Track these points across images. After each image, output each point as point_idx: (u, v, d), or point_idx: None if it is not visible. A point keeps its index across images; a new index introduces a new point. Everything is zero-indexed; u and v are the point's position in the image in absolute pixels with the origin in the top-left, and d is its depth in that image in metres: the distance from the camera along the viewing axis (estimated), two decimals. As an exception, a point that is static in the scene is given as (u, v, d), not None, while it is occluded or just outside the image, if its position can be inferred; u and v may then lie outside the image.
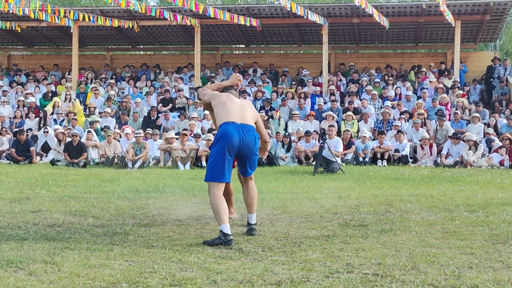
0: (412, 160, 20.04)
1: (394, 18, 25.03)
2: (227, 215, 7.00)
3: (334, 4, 25.11)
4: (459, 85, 24.66)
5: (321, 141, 17.28)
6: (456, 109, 22.61)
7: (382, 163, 19.55)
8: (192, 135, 20.32)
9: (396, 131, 20.64)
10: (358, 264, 5.82)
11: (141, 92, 26.15)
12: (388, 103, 23.13)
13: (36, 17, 24.06)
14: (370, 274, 5.47)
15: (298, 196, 11.18)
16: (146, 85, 26.98)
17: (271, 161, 19.32)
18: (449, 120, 21.88)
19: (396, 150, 20.01)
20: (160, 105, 24.57)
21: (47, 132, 21.61)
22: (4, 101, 25.18)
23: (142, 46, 32.37)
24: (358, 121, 22.34)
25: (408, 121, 22.19)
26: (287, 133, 21.11)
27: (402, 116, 22.27)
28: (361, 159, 19.70)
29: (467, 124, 21.54)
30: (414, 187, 12.93)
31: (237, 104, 7.52)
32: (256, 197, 7.78)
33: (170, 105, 24.72)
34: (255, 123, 7.62)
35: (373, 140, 20.84)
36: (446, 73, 26.03)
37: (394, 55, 30.50)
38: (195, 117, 22.49)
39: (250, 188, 7.76)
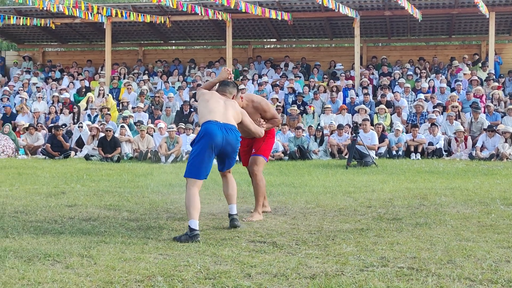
0: (446, 153, 19.88)
1: (426, 10, 24.81)
2: (198, 211, 6.97)
3: (366, -4, 24.98)
4: (494, 77, 24.39)
5: (353, 134, 17.21)
6: (491, 101, 22.38)
7: (415, 156, 19.42)
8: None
9: (430, 124, 20.49)
10: (393, 258, 5.79)
11: (174, 87, 26.24)
12: (421, 96, 22.96)
13: (70, 13, 24.28)
14: (405, 267, 5.44)
15: (331, 189, 11.15)
16: (179, 80, 27.06)
17: (304, 155, 19.29)
18: (484, 112, 21.64)
19: (430, 143, 19.85)
20: (193, 99, 24.61)
21: (82, 127, 21.78)
22: (39, 97, 25.43)
23: (174, 41, 32.45)
24: (391, 114, 22.21)
25: (442, 114, 22.00)
26: (319, 127, 21.05)
27: (435, 109, 22.08)
28: (394, 152, 19.59)
29: (502, 117, 21.30)
30: (449, 180, 12.82)
31: (220, 103, 7.54)
32: (235, 187, 7.80)
33: (203, 100, 24.74)
34: (241, 122, 7.70)
35: (406, 133, 20.71)
36: (480, 65, 25.76)
37: (427, 48, 30.22)
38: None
39: (229, 180, 7.77)
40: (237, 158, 8.12)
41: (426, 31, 29.01)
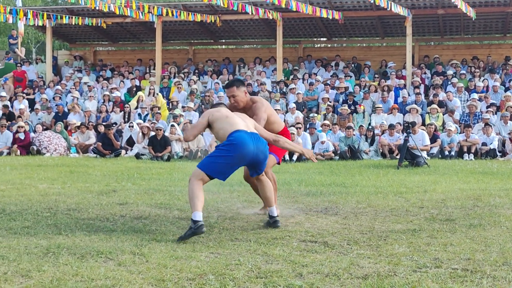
0: (500, 154, 19.57)
1: (480, 9, 24.46)
2: (202, 203, 6.81)
3: (418, -5, 24.72)
4: (550, 76, 23.98)
5: (405, 134, 17.04)
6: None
7: (468, 157, 19.15)
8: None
9: (484, 124, 20.19)
10: (447, 259, 5.69)
11: (223, 86, 26.28)
12: (475, 95, 22.63)
13: (121, 13, 24.52)
14: (460, 269, 5.34)
15: (383, 190, 11.04)
16: (228, 79, 27.10)
17: (354, 154, 19.17)
18: (540, 113, 21.24)
19: (484, 144, 19.57)
20: (242, 99, 24.64)
21: (132, 127, 21.96)
22: (90, 96, 25.71)
23: (224, 41, 32.55)
24: (443, 114, 21.95)
25: (495, 114, 21.66)
26: (370, 127, 20.89)
27: (489, 109, 21.75)
28: (446, 152, 19.35)
29: (558, 117, 20.90)
30: (503, 181, 12.60)
31: (237, 116, 7.45)
32: (272, 189, 7.62)
33: (253, 99, 24.76)
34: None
35: (459, 133, 20.44)
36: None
37: (480, 47, 29.85)
38: (278, 110, 22.47)
39: (264, 182, 7.58)
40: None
41: (480, 29, 28.63)
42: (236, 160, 7.05)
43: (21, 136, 21.44)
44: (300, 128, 20.12)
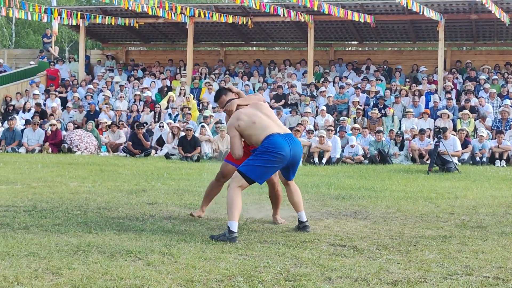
0: (533, 161, 19.37)
1: (514, 14, 24.23)
2: (239, 212, 6.86)
3: (451, 0, 24.50)
4: None
5: (436, 139, 16.91)
6: None
7: (500, 164, 18.96)
8: (305, 131, 20.27)
9: (516, 130, 20.01)
10: (478, 267, 5.64)
11: (254, 88, 26.31)
12: (507, 101, 22.41)
13: (153, 13, 24.64)
14: (491, 277, 5.29)
15: (413, 195, 10.98)
16: (259, 81, 27.13)
17: (384, 159, 19.08)
18: None
19: (516, 150, 19.39)
20: (273, 101, 24.65)
21: (163, 127, 22.04)
22: (121, 97, 25.85)
23: (255, 42, 32.56)
24: (474, 120, 21.77)
25: (528, 120, 21.45)
26: (399, 131, 20.77)
27: (522, 115, 21.55)
28: (478, 159, 19.17)
29: None
30: (535, 189, 12.48)
31: (264, 116, 7.38)
32: (300, 194, 7.68)
33: (283, 101, 24.78)
34: None
35: (491, 139, 20.25)
36: None
37: (514, 52, 29.55)
38: (308, 113, 22.44)
39: (293, 188, 7.63)
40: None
41: (514, 35, 28.36)
42: (276, 164, 7.10)
43: (49, 130, 21.60)
44: (331, 131, 20.07)
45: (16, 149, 21.17)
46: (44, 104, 25.83)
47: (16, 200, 9.31)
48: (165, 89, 26.75)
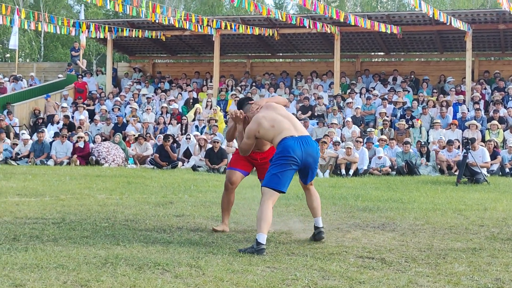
0: (562, 171, 19.16)
1: (543, 24, 24.05)
2: (268, 226, 6.93)
3: (479, 10, 24.44)
4: None
5: (464, 150, 16.79)
6: None
7: (530, 175, 18.81)
8: (332, 142, 20.23)
9: (546, 141, 19.80)
10: (509, 280, 5.58)
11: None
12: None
13: (180, 26, 24.75)
14: (522, 290, 5.24)
15: (441, 206, 10.90)
16: (285, 93, 27.11)
17: (412, 170, 18.97)
18: None
19: (545, 161, 19.20)
20: (299, 112, 24.62)
21: (189, 139, 22.10)
22: (148, 109, 25.96)
23: (281, 54, 32.58)
24: (503, 131, 21.58)
25: (557, 130, 21.23)
26: (423, 142, 20.61)
27: (551, 125, 21.33)
28: (507, 170, 19.00)
29: None
30: None
31: (283, 119, 7.44)
32: (319, 200, 7.74)
33: (309, 113, 24.75)
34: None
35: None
36: None
37: (542, 62, 29.29)
38: (334, 124, 22.39)
39: (312, 193, 7.68)
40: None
41: (542, 45, 28.13)
42: (291, 167, 7.16)
43: (81, 144, 21.75)
44: (359, 142, 20.02)
45: (45, 162, 21.33)
46: (72, 117, 26.02)
47: (45, 212, 9.38)
48: (191, 101, 26.81)
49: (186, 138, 22.35)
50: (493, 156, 19.03)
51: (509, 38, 27.18)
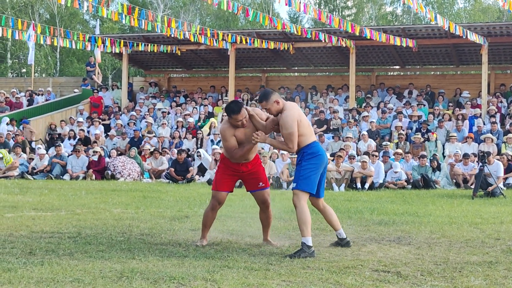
0: None
1: (559, 36, 23.97)
2: (310, 226, 7.28)
3: (494, 23, 24.38)
4: None
5: (480, 164, 16.72)
6: None
7: (546, 188, 18.69)
8: (347, 156, 20.20)
9: (562, 154, 19.67)
10: (525, 293, 5.56)
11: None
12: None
13: (195, 40, 24.84)
14: (538, 303, 5.20)
15: (457, 220, 10.85)
16: (301, 107, 27.12)
17: (428, 183, 18.91)
18: None
19: (561, 174, 19.07)
20: (315, 126, 24.61)
21: (200, 156, 22.08)
22: (163, 124, 26.03)
23: (296, 68, 32.62)
24: (519, 144, 21.48)
25: None
26: (431, 157, 20.50)
27: None
28: (523, 183, 18.92)
29: None
30: None
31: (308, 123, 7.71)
32: (334, 213, 7.96)
33: (325, 126, 24.74)
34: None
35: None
36: None
37: (559, 75, 29.17)
38: (349, 138, 22.36)
39: (327, 209, 7.90)
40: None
41: (558, 57, 28.01)
42: (321, 168, 7.50)
43: (95, 158, 21.85)
44: (375, 156, 19.99)
45: (61, 176, 21.41)
46: (88, 131, 26.14)
47: (61, 226, 9.41)
48: (204, 115, 26.80)
49: (197, 156, 22.33)
50: (509, 169, 18.95)
51: (525, 51, 27.13)
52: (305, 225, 7.25)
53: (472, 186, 17.38)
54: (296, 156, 7.76)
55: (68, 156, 22.32)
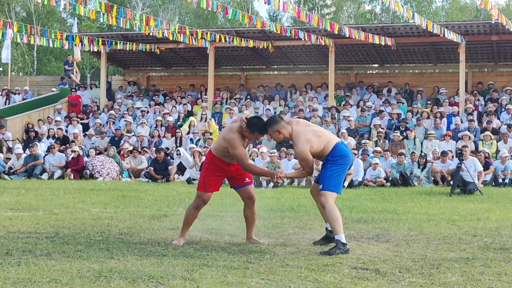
0: (555, 182, 19.18)
1: (535, 35, 24.14)
2: (341, 224, 7.45)
3: (472, 21, 24.54)
4: None
5: (458, 161, 16.81)
6: None
7: (523, 185, 18.84)
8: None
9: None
10: (501, 289, 5.60)
11: (275, 112, 26.31)
12: (530, 122, 22.29)
13: (174, 39, 24.77)
14: (515, 299, 5.24)
15: (435, 217, 10.92)
16: (280, 105, 27.15)
17: (406, 181, 19.00)
18: None
19: (538, 172, 19.22)
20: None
21: (180, 154, 22.04)
22: (142, 122, 25.95)
23: (276, 66, 32.63)
24: (497, 141, 21.62)
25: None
26: (422, 153, 20.66)
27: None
28: (500, 180, 19.04)
29: None
30: (559, 210, 12.35)
31: (318, 128, 7.94)
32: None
33: (304, 125, 24.70)
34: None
35: (513, 160, 20.14)
36: None
37: (536, 73, 29.38)
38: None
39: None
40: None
41: (535, 56, 28.23)
42: (346, 169, 7.74)
43: (71, 157, 21.78)
44: (355, 154, 20.02)
45: (39, 176, 21.27)
46: (66, 131, 26.00)
47: (38, 226, 9.36)
48: (183, 114, 26.74)
49: (177, 154, 22.27)
50: (486, 166, 19.07)
51: (502, 49, 27.30)
52: (337, 223, 7.38)
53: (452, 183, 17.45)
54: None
55: (44, 156, 22.13)
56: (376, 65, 31.52)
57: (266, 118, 7.98)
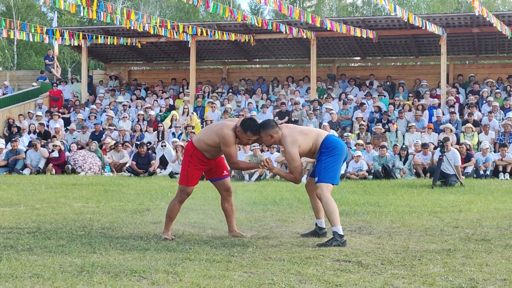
0: (536, 173, 19.31)
1: (516, 27, 24.23)
2: (338, 215, 7.52)
3: (453, 14, 24.61)
4: None
5: (440, 154, 16.88)
6: None
7: (504, 176, 18.95)
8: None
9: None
10: (482, 279, 5.63)
11: (257, 106, 26.32)
12: (510, 114, 22.38)
13: (155, 33, 24.68)
14: (496, 290, 5.28)
15: (417, 209, 10.96)
16: (262, 98, 27.15)
17: (388, 174, 19.06)
18: None
19: (519, 163, 19.34)
20: (277, 118, 24.62)
21: (165, 146, 22.01)
22: (124, 117, 25.87)
23: (258, 60, 32.61)
24: (478, 133, 21.73)
25: (531, 132, 21.39)
26: (404, 146, 20.74)
27: (525, 127, 21.48)
28: (481, 172, 19.15)
29: None
30: (539, 201, 12.44)
31: (303, 127, 8.16)
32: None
33: (287, 118, 24.77)
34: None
35: (495, 152, 20.23)
36: None
37: (516, 65, 29.52)
38: (311, 130, 22.36)
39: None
40: None
41: (516, 48, 28.36)
42: (342, 159, 7.79)
43: (55, 154, 21.65)
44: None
45: (21, 171, 21.15)
46: (47, 126, 25.87)
47: (19, 222, 9.31)
48: (165, 108, 26.67)
49: (161, 146, 22.23)
50: (467, 158, 19.17)
51: (483, 41, 27.43)
52: (334, 215, 7.43)
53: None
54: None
55: (26, 151, 22.00)
56: (358, 58, 31.58)
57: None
